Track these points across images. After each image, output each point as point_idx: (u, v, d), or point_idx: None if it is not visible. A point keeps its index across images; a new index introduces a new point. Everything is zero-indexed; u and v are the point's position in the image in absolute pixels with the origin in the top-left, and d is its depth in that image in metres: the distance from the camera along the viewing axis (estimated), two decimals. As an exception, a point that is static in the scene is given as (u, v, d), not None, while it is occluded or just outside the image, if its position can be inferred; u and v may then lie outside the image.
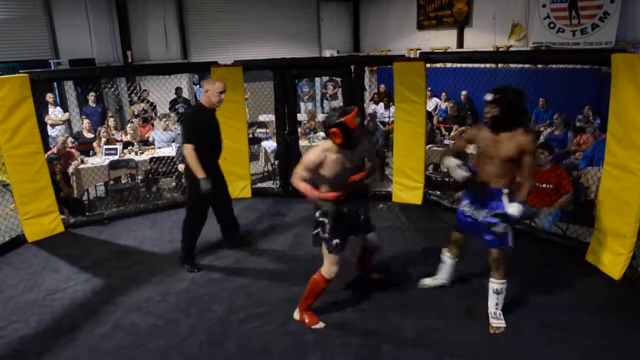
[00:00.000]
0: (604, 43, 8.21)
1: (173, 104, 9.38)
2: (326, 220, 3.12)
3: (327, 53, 12.51)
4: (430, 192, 5.72)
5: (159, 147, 7.22)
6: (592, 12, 8.37)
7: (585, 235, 4.43)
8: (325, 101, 11.33)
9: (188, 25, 11.00)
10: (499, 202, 3.08)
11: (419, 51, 8.55)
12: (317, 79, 11.61)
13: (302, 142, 6.90)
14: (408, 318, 3.37)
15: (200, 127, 3.97)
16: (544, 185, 4.54)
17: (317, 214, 3.17)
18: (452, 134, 7.61)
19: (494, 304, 3.22)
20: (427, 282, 3.75)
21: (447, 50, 10.32)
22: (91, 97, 8.40)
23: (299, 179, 3.08)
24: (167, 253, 4.56)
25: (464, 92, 8.94)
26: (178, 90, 9.56)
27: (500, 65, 8.73)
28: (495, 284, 3.19)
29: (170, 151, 6.88)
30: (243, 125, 5.92)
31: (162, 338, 3.24)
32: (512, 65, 8.30)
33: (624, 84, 3.57)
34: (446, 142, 7.22)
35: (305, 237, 4.76)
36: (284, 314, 3.45)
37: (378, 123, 7.78)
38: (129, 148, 6.94)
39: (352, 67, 5.67)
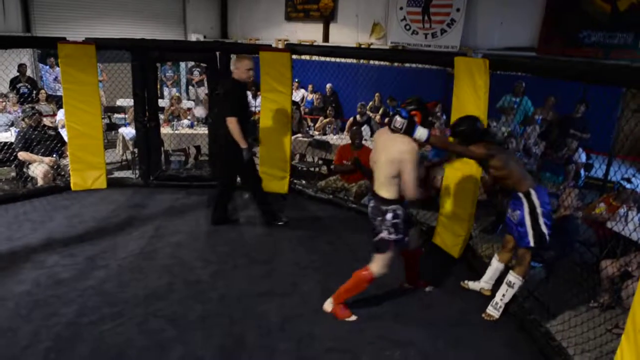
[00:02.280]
0: (450, 47, 9.13)
1: (14, 82, 8.25)
2: (399, 222, 3.02)
3: (192, 37, 12.01)
4: (295, 181, 5.85)
5: (-6, 132, 6.32)
6: (441, 18, 9.25)
7: (432, 219, 4.90)
8: (190, 87, 10.90)
9: (31, -6, 9.72)
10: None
11: (286, 42, 8.64)
12: (182, 64, 11.10)
13: (165, 130, 6.56)
14: (272, 304, 3.43)
15: (238, 101, 4.30)
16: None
17: (389, 217, 3.02)
18: (318, 124, 7.86)
19: (501, 294, 3.35)
20: (469, 284, 3.79)
21: (314, 43, 10.59)
22: None
23: (415, 184, 2.89)
24: (4, 252, 4.01)
25: (329, 85, 9.26)
26: (21, 67, 8.40)
27: (362, 61, 9.23)
28: (511, 275, 3.33)
29: (8, 136, 6.06)
30: (96, 109, 5.42)
31: (-3, 349, 2.86)
32: (372, 62, 8.83)
33: (464, 85, 3.99)
34: (312, 132, 7.43)
35: (166, 229, 4.61)
36: (141, 312, 3.27)
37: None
38: (-47, 132, 5.97)
39: (217, 53, 5.53)
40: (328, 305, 3.33)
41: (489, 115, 3.97)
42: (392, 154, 2.92)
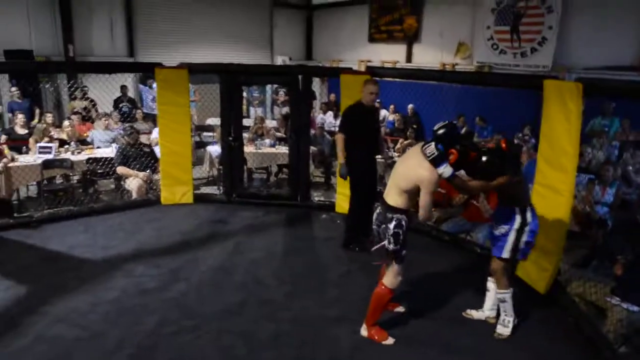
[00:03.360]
0: (541, 66, 8.66)
1: (117, 102, 9.04)
2: (401, 232, 3.07)
3: (279, 59, 12.48)
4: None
5: (98, 147, 6.93)
6: (532, 37, 8.82)
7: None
8: (275, 107, 11.29)
9: (136, 22, 10.66)
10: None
11: (368, 63, 8.68)
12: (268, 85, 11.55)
13: (249, 149, 6.82)
14: (343, 329, 3.39)
15: (351, 120, 4.49)
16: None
17: (392, 225, 3.06)
18: (398, 146, 7.77)
19: (502, 312, 3.36)
20: (473, 313, 3.62)
21: (397, 64, 10.56)
22: (14, 91, 7.87)
23: (428, 209, 2.97)
24: (99, 260, 4.36)
25: (410, 106, 9.16)
26: (123, 88, 9.21)
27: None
28: (498, 294, 3.37)
29: (109, 152, 6.61)
30: (186, 128, 5.79)
31: (88, 351, 3.08)
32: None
33: (554, 110, 3.75)
34: (391, 154, 7.35)
35: (245, 246, 4.75)
36: (216, 327, 3.38)
37: (325, 133, 7.84)
38: (65, 147, 6.62)
39: (299, 76, 5.68)
40: (364, 331, 3.31)
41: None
42: (411, 172, 2.98)
